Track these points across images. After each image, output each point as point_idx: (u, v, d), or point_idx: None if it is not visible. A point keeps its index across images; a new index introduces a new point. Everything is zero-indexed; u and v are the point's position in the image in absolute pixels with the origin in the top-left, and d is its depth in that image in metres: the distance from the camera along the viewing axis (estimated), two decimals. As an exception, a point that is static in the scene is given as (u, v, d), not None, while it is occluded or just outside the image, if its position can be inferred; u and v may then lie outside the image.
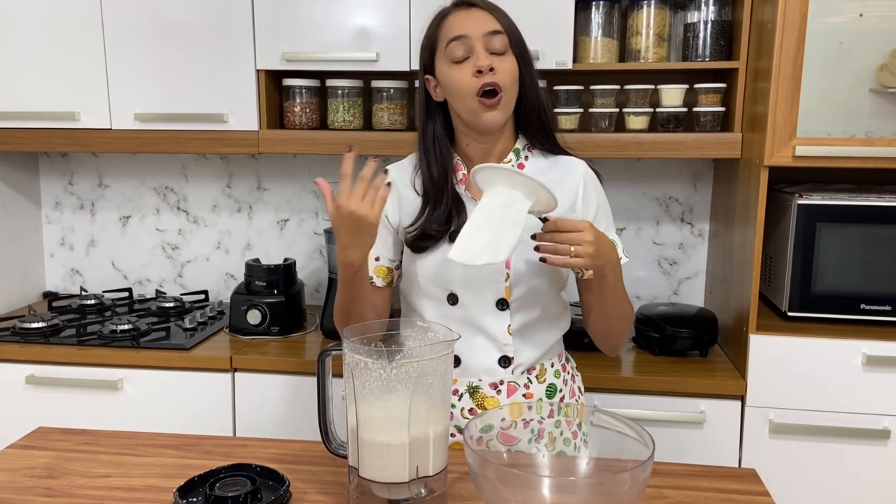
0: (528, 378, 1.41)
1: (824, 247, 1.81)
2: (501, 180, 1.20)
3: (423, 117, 1.41)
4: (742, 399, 1.83)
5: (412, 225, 1.39)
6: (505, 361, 1.39)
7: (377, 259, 1.44)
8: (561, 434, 1.20)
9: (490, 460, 1.00)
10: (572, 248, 1.21)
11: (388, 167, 1.46)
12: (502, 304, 1.37)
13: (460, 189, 1.39)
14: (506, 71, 1.30)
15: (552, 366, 1.45)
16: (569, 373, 1.49)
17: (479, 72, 1.28)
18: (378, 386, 1.05)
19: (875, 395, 1.78)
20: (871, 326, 1.83)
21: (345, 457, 1.16)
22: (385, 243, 1.43)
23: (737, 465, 1.84)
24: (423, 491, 1.08)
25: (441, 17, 1.36)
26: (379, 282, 1.44)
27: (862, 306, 1.83)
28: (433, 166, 1.38)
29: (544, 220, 1.25)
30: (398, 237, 1.43)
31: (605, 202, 1.44)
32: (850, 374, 1.78)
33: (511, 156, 1.40)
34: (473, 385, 1.39)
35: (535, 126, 1.40)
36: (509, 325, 1.38)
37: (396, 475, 1.06)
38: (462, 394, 1.39)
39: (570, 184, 1.39)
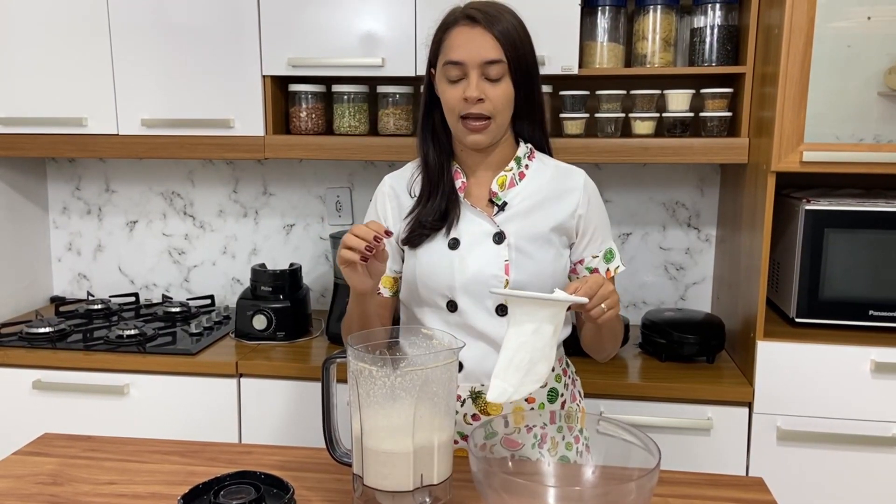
0: None
1: (832, 252, 1.80)
2: (525, 308, 1.14)
3: (424, 108, 1.41)
4: (749, 406, 1.81)
5: (406, 218, 1.39)
6: None
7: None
8: (563, 439, 1.20)
9: (495, 469, 1.00)
10: (604, 306, 1.19)
11: (385, 176, 1.47)
12: (502, 311, 1.36)
13: (460, 195, 1.38)
14: (497, 98, 1.30)
15: (553, 370, 1.45)
16: (569, 377, 1.49)
17: (466, 100, 1.29)
18: (382, 394, 1.04)
19: (883, 402, 1.76)
20: (879, 333, 1.82)
21: (349, 464, 1.16)
22: (388, 254, 1.43)
23: (744, 472, 1.83)
24: (427, 499, 1.08)
25: (447, 27, 1.34)
26: (385, 292, 1.45)
27: (870, 312, 1.81)
28: (430, 156, 1.39)
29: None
30: (398, 246, 1.43)
31: (605, 212, 1.45)
32: (858, 380, 1.77)
33: (512, 164, 1.40)
34: (476, 390, 1.39)
35: (536, 134, 1.42)
36: None
37: (401, 483, 1.06)
38: (465, 399, 1.39)
39: (571, 195, 1.40)
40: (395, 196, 1.43)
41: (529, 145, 1.43)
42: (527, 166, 1.41)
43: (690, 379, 1.85)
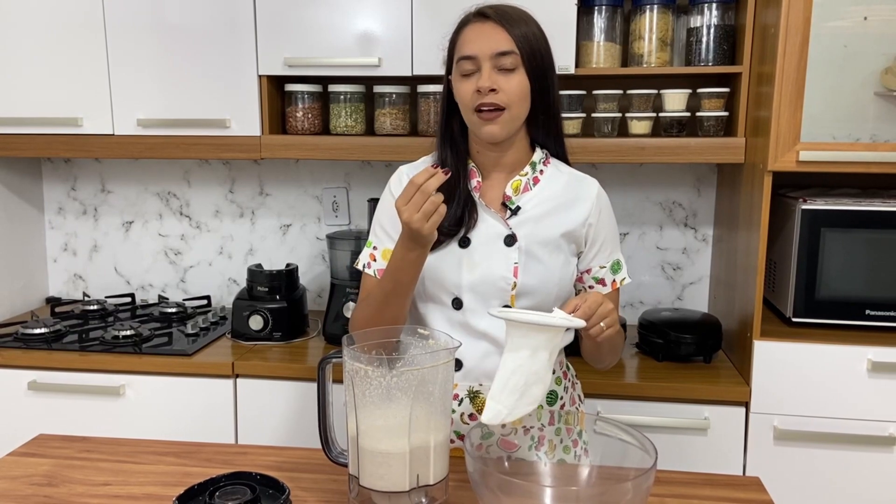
0: None
1: (829, 252, 1.80)
2: (522, 332, 1.13)
3: (442, 115, 1.42)
4: (746, 405, 1.81)
5: None
6: None
7: None
8: (561, 442, 1.19)
9: (491, 470, 0.99)
10: (603, 325, 1.19)
11: (402, 166, 1.46)
12: None
13: (475, 195, 1.38)
14: (511, 90, 1.30)
15: (553, 373, 1.44)
16: (569, 380, 1.49)
17: (479, 91, 1.29)
18: (378, 394, 1.04)
19: (880, 401, 1.76)
20: (876, 332, 1.82)
21: (345, 465, 1.15)
22: None
23: (741, 472, 1.83)
24: (423, 500, 1.07)
25: (461, 26, 1.35)
26: None
27: (867, 312, 1.82)
28: (448, 161, 1.39)
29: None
30: None
31: (615, 223, 1.45)
32: (855, 380, 1.77)
33: (527, 168, 1.39)
34: (474, 390, 1.39)
35: (552, 132, 1.42)
36: None
37: (397, 484, 1.05)
38: (462, 398, 1.39)
39: (583, 204, 1.40)
40: None
41: (545, 151, 1.43)
42: (541, 171, 1.40)
43: (687, 379, 1.85)
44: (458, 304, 1.36)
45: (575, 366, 1.56)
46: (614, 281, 1.42)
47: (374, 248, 1.44)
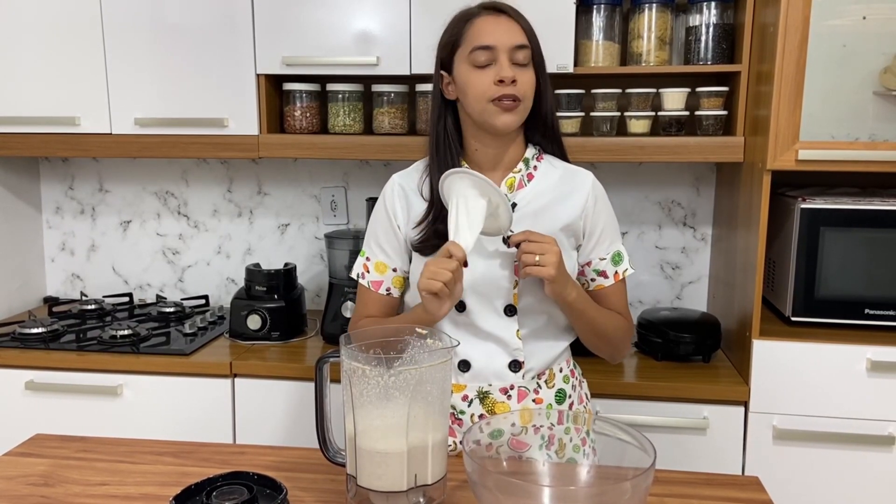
0: (537, 383, 1.41)
1: (828, 251, 1.80)
2: (460, 185, 1.28)
3: (435, 114, 1.41)
4: (745, 405, 1.81)
5: (419, 225, 1.38)
6: (515, 366, 1.38)
7: (394, 270, 1.43)
8: (570, 441, 1.19)
9: (489, 469, 0.99)
10: (537, 257, 1.25)
11: (394, 175, 1.46)
12: (510, 311, 1.36)
13: None
14: (526, 83, 1.32)
15: (560, 371, 1.44)
16: (577, 378, 1.49)
17: (502, 81, 1.29)
18: (376, 393, 1.04)
19: (880, 400, 1.76)
20: (875, 331, 1.82)
21: (343, 464, 1.15)
22: (398, 253, 1.43)
23: (740, 471, 1.83)
24: (421, 500, 1.07)
25: (468, 19, 1.35)
26: (395, 292, 1.44)
27: (866, 311, 1.81)
28: (443, 165, 1.38)
29: (509, 236, 1.32)
30: (407, 248, 1.42)
31: (612, 215, 1.45)
32: (854, 379, 1.76)
33: (521, 165, 1.40)
34: (483, 390, 1.38)
35: (548, 135, 1.42)
36: (518, 330, 1.37)
37: (395, 484, 1.05)
38: (472, 399, 1.38)
39: (579, 195, 1.40)
40: (404, 195, 1.42)
41: (538, 147, 1.43)
42: (535, 167, 1.41)
43: (686, 378, 1.85)
44: (461, 306, 1.36)
45: (578, 364, 1.55)
46: (616, 273, 1.42)
47: (368, 258, 1.45)
